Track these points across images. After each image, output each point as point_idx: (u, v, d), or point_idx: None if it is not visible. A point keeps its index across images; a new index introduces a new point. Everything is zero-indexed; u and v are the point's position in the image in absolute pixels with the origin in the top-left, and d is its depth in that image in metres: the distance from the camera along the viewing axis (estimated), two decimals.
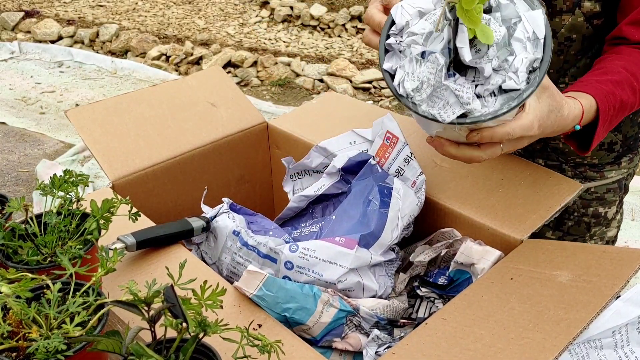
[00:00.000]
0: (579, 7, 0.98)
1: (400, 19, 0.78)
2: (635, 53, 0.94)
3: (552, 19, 1.01)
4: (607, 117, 0.89)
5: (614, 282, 0.80)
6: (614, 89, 0.89)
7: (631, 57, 0.94)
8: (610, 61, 0.94)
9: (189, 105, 1.29)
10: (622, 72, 0.91)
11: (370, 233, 0.97)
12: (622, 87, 0.90)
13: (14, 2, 5.61)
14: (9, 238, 0.81)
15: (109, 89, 4.15)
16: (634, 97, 0.92)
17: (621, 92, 0.89)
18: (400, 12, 0.78)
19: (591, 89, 0.88)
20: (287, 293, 0.86)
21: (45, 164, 3.17)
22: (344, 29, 4.92)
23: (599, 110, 0.87)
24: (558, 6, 0.99)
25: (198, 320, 0.62)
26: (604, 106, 0.87)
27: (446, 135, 0.82)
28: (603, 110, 0.87)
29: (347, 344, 0.90)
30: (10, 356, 0.64)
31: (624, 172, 1.20)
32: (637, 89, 0.91)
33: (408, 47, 0.76)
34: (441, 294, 0.98)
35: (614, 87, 0.89)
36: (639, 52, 0.95)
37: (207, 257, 1.06)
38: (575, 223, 1.22)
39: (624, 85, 0.90)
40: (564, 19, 1.00)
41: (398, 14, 0.78)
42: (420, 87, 0.74)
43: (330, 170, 1.13)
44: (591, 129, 0.90)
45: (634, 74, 0.91)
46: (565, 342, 0.71)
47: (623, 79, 0.90)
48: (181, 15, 5.35)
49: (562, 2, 0.99)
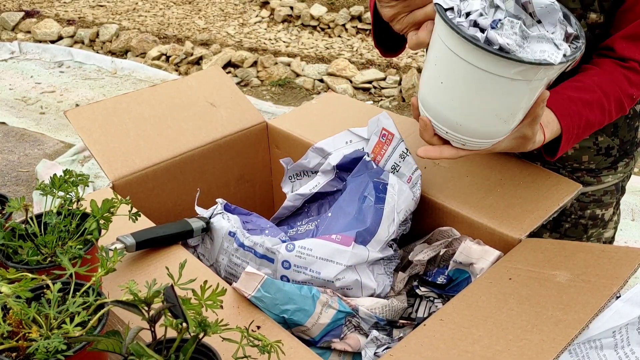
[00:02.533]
0: (585, 18, 0.99)
1: (448, 3, 0.76)
2: (616, 72, 0.97)
3: None
4: (571, 137, 0.94)
5: (613, 282, 0.80)
6: (581, 110, 0.94)
7: (611, 75, 0.97)
8: (590, 76, 0.98)
9: (189, 105, 1.29)
10: (596, 91, 0.95)
11: (367, 229, 0.98)
12: (591, 108, 0.94)
13: (14, 2, 5.61)
14: (9, 238, 0.81)
15: (109, 89, 4.15)
16: (602, 117, 0.97)
17: (589, 112, 0.94)
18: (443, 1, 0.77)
19: (561, 109, 0.93)
20: (286, 294, 0.86)
21: (45, 164, 3.17)
22: (344, 29, 4.92)
23: (562, 130, 0.93)
24: None
25: (198, 320, 0.62)
26: (567, 127, 0.93)
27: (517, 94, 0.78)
28: (566, 130, 0.93)
29: (346, 345, 0.91)
30: (10, 356, 0.64)
31: (620, 176, 1.21)
32: (606, 109, 0.96)
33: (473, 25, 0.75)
34: (440, 294, 0.98)
35: (582, 107, 0.94)
36: (620, 70, 0.97)
37: (205, 260, 1.06)
38: (573, 225, 1.22)
39: (593, 106, 0.95)
40: None
41: (442, 2, 0.76)
42: (515, 42, 0.73)
43: (325, 168, 1.14)
44: (557, 141, 0.95)
45: (607, 94, 0.96)
46: (564, 343, 0.71)
47: (594, 99, 0.95)
48: (181, 15, 5.35)
49: None
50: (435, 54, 0.79)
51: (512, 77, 0.73)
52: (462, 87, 0.77)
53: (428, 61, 0.82)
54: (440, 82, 0.78)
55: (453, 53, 0.74)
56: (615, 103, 0.96)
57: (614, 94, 0.96)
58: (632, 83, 0.97)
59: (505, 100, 0.76)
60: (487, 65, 0.72)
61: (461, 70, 0.75)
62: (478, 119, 0.79)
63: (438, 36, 0.78)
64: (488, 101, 0.77)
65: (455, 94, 0.78)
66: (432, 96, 0.82)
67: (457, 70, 0.75)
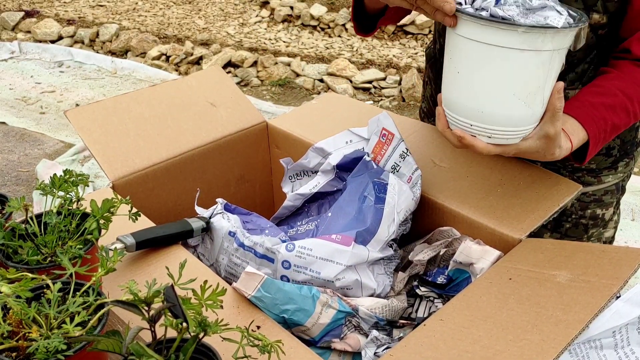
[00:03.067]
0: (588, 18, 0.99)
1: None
2: (636, 72, 0.97)
3: None
4: (598, 141, 0.94)
5: (613, 282, 0.80)
6: (605, 114, 0.93)
7: (632, 77, 0.96)
8: (609, 80, 0.97)
9: (189, 105, 1.29)
10: (618, 94, 0.95)
11: (367, 229, 0.98)
12: (615, 111, 0.94)
13: (14, 2, 5.61)
14: (9, 238, 0.81)
15: (109, 89, 4.15)
16: (628, 119, 0.96)
17: (613, 115, 0.94)
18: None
19: (583, 115, 0.93)
20: (286, 294, 0.86)
21: (46, 163, 3.17)
22: (344, 29, 4.92)
23: (589, 136, 0.93)
24: None
25: (198, 320, 0.62)
26: (593, 132, 0.92)
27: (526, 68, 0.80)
28: (593, 136, 0.93)
29: (346, 345, 0.91)
30: (10, 356, 0.64)
31: (620, 176, 1.21)
32: (631, 111, 0.95)
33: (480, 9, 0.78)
34: (440, 294, 0.98)
35: (606, 111, 0.94)
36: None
37: (205, 260, 1.06)
38: (573, 225, 1.23)
39: (616, 109, 0.94)
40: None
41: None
42: (517, 12, 0.75)
43: (325, 168, 1.14)
44: (585, 146, 0.95)
45: (630, 96, 0.95)
46: (564, 343, 0.71)
47: (617, 102, 0.94)
48: (181, 15, 5.35)
49: None
50: (449, 49, 0.83)
51: (520, 48, 0.75)
52: (477, 68, 0.79)
53: (445, 60, 0.85)
54: (457, 72, 0.82)
55: (462, 37, 0.78)
56: (639, 104, 0.96)
57: (637, 96, 0.95)
58: None
59: (519, 75, 0.79)
60: (494, 38, 0.75)
61: (472, 52, 0.78)
62: (498, 102, 0.81)
63: (449, 30, 0.81)
64: (503, 78, 0.79)
65: (473, 78, 0.81)
66: (452, 91, 0.85)
67: (469, 53, 0.79)
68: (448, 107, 0.87)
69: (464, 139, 0.86)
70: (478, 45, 0.77)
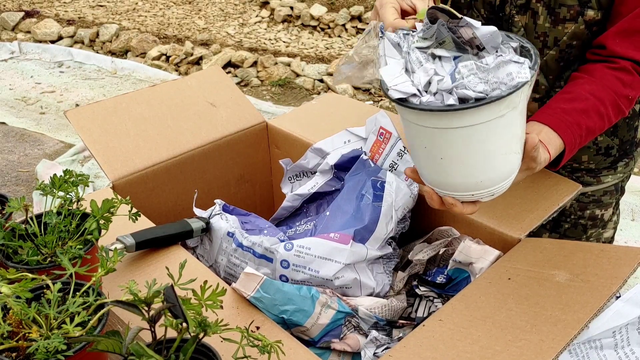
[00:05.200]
0: (582, 15, 0.99)
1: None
2: (607, 75, 0.96)
3: (554, 27, 1.01)
4: (574, 147, 0.94)
5: (612, 281, 0.80)
6: (579, 119, 0.93)
7: (603, 80, 0.96)
8: (580, 85, 0.96)
9: (189, 105, 1.29)
10: (590, 98, 0.94)
11: (365, 227, 0.98)
12: (588, 115, 0.93)
13: (14, 2, 5.61)
14: (9, 238, 0.81)
15: (109, 89, 4.15)
16: (602, 122, 0.95)
17: (587, 120, 0.93)
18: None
19: (557, 122, 0.92)
20: (285, 295, 0.86)
21: (46, 164, 3.16)
22: (344, 29, 4.92)
23: (565, 143, 0.92)
24: (561, 15, 1.00)
25: (198, 321, 0.62)
26: (569, 139, 0.92)
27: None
28: (569, 142, 0.92)
29: (346, 345, 0.91)
30: (10, 356, 0.64)
31: (620, 176, 1.20)
32: (604, 113, 0.95)
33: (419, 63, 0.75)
34: (440, 293, 0.98)
35: (579, 116, 0.93)
36: (612, 73, 0.96)
37: (204, 261, 1.06)
38: (572, 225, 1.22)
39: (589, 112, 0.93)
40: (567, 27, 1.01)
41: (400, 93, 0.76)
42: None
43: (323, 167, 1.14)
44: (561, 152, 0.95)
45: (601, 99, 0.94)
46: (563, 344, 0.72)
47: (589, 106, 0.94)
48: (181, 15, 5.35)
49: (566, 11, 0.99)
50: (421, 140, 0.77)
51: (501, 114, 0.73)
52: (462, 150, 0.76)
53: (415, 149, 0.81)
54: (440, 158, 0.77)
55: (441, 129, 0.74)
56: (612, 107, 0.96)
57: (609, 98, 0.95)
58: (626, 84, 0.96)
59: (506, 136, 0.76)
60: (478, 118, 0.72)
61: (452, 138, 0.74)
62: (492, 167, 0.78)
63: (414, 124, 0.76)
64: (491, 147, 0.76)
65: (461, 160, 0.77)
66: (440, 174, 0.80)
67: (448, 140, 0.74)
68: (439, 188, 0.82)
69: (455, 206, 0.83)
70: (456, 131, 0.73)
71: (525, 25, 1.03)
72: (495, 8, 1.05)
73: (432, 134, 0.75)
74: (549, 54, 1.04)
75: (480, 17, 1.07)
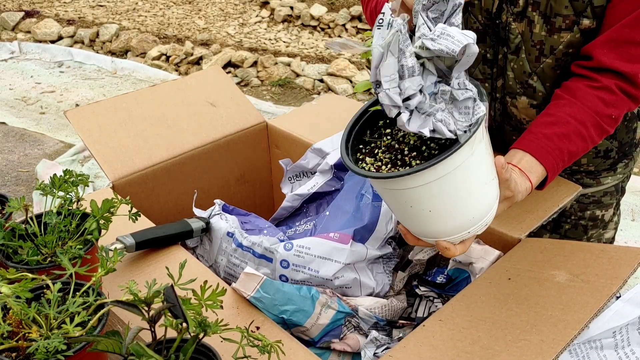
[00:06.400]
0: (578, 24, 0.98)
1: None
2: (589, 96, 0.95)
3: (550, 36, 1.01)
4: (556, 172, 0.94)
5: (612, 281, 0.80)
6: (560, 144, 0.93)
7: (584, 102, 0.95)
8: (561, 107, 0.96)
9: (189, 105, 1.29)
10: (571, 122, 0.94)
11: (364, 227, 0.98)
12: (569, 139, 0.94)
13: (14, 2, 5.61)
14: (9, 238, 0.81)
15: (109, 89, 4.15)
16: (585, 144, 0.96)
17: (569, 144, 0.94)
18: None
19: (538, 149, 0.92)
20: (285, 295, 0.86)
21: (46, 164, 3.16)
22: (344, 29, 4.92)
23: (547, 170, 0.92)
24: (557, 24, 0.99)
25: (198, 321, 0.62)
26: (551, 165, 0.92)
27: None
28: (551, 168, 0.93)
29: (346, 345, 0.91)
30: (10, 356, 0.64)
31: (619, 177, 1.20)
32: (586, 135, 0.95)
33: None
34: (440, 293, 0.98)
35: (560, 141, 0.93)
36: (594, 93, 0.95)
37: (204, 261, 1.06)
38: (573, 226, 1.22)
39: (571, 137, 0.94)
40: (563, 37, 1.00)
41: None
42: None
43: (323, 167, 1.14)
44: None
45: (583, 122, 0.94)
46: (563, 344, 0.72)
47: (571, 130, 0.94)
48: (181, 15, 5.35)
49: (562, 20, 0.99)
50: (404, 202, 0.79)
51: (472, 151, 0.75)
52: (447, 198, 0.77)
53: (401, 211, 0.81)
54: (428, 211, 0.78)
55: (424, 185, 0.75)
56: (595, 128, 0.95)
57: (590, 120, 0.95)
58: (608, 104, 0.95)
59: (482, 167, 0.78)
60: (454, 163, 0.74)
61: (440, 188, 0.76)
62: (477, 201, 0.80)
63: (396, 190, 0.77)
64: (476, 180, 0.78)
65: (449, 207, 0.78)
66: (432, 225, 0.81)
67: (437, 191, 0.76)
68: (435, 237, 0.83)
69: (449, 250, 0.83)
70: (438, 182, 0.74)
71: (522, 33, 1.03)
72: (492, 15, 1.05)
73: (416, 192, 0.76)
74: (545, 61, 1.04)
75: (477, 23, 1.07)
